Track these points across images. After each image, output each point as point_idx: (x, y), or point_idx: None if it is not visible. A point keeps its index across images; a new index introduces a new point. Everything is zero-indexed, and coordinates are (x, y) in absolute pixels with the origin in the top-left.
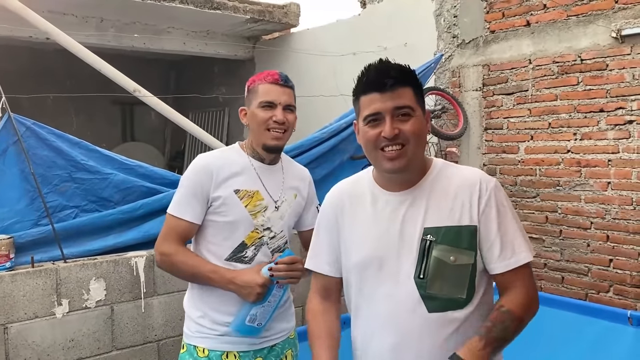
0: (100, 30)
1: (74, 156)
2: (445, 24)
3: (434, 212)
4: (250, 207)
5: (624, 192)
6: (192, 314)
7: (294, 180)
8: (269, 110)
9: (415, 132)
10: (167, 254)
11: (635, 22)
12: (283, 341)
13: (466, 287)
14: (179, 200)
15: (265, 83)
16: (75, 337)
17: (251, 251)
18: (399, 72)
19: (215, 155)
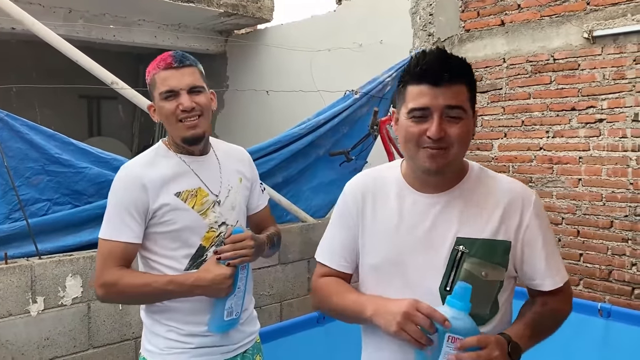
0: (69, 21)
1: (48, 149)
2: (421, 22)
3: (469, 222)
4: (197, 207)
5: (594, 189)
6: (158, 330)
7: (233, 164)
8: (173, 100)
9: (463, 136)
10: (110, 284)
11: (607, 23)
12: (252, 346)
13: (490, 304)
14: (111, 221)
15: (160, 71)
16: (51, 336)
17: (211, 252)
18: (458, 66)
19: (142, 162)
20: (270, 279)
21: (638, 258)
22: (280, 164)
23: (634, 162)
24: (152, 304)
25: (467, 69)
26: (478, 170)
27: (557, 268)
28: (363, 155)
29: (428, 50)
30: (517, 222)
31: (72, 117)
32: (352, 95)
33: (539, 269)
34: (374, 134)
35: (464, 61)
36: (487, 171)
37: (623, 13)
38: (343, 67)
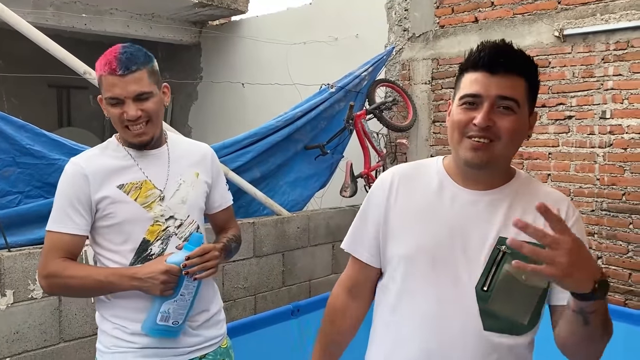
0: (38, 8)
1: (19, 140)
2: (396, 17)
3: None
4: (141, 199)
5: (562, 184)
6: (105, 327)
7: (189, 158)
8: (118, 107)
9: (512, 131)
10: (53, 275)
11: (577, 22)
12: (214, 351)
13: (530, 314)
14: (56, 214)
15: (105, 74)
16: (20, 329)
17: (157, 247)
18: (519, 58)
19: (88, 155)
20: (244, 271)
21: (603, 252)
22: (257, 157)
23: (600, 158)
24: (100, 301)
25: (529, 64)
26: (525, 177)
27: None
28: (339, 150)
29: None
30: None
31: (41, 107)
32: (328, 89)
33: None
34: (350, 128)
35: (528, 56)
36: (533, 179)
37: (592, 13)
38: (318, 61)
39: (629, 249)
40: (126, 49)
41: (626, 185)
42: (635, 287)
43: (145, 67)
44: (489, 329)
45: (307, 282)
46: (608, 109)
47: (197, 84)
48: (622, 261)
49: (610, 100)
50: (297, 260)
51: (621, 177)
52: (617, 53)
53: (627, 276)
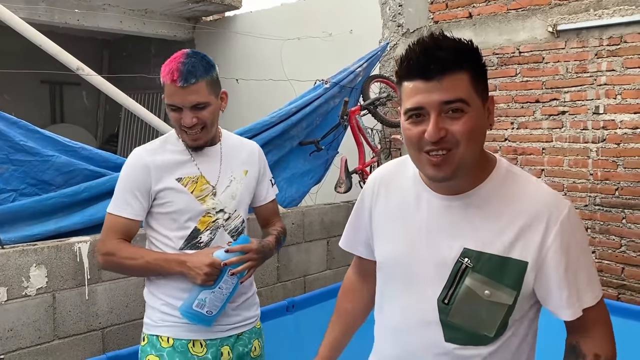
0: (30, 4)
1: (12, 136)
2: (390, 13)
3: (481, 232)
4: (196, 192)
5: (556, 179)
6: (154, 303)
7: (240, 156)
8: (177, 112)
9: (468, 132)
10: (110, 253)
11: (570, 18)
12: (249, 330)
13: (496, 327)
14: (117, 198)
15: (168, 82)
16: (15, 327)
17: (206, 236)
18: (451, 53)
19: (150, 148)
20: None
21: (597, 246)
22: None
23: (594, 153)
24: (152, 281)
25: (466, 52)
26: (506, 171)
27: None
28: (334, 146)
29: (419, 40)
30: (539, 240)
31: (33, 103)
32: (323, 85)
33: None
34: (344, 124)
35: (462, 44)
36: (515, 173)
37: (586, 8)
38: (313, 57)
39: (621, 243)
40: (189, 59)
41: (619, 180)
42: (628, 282)
43: (205, 78)
44: (450, 340)
45: (302, 278)
46: (601, 105)
47: None
48: (615, 256)
49: (604, 95)
50: (292, 256)
51: (614, 172)
52: (610, 48)
53: (620, 270)
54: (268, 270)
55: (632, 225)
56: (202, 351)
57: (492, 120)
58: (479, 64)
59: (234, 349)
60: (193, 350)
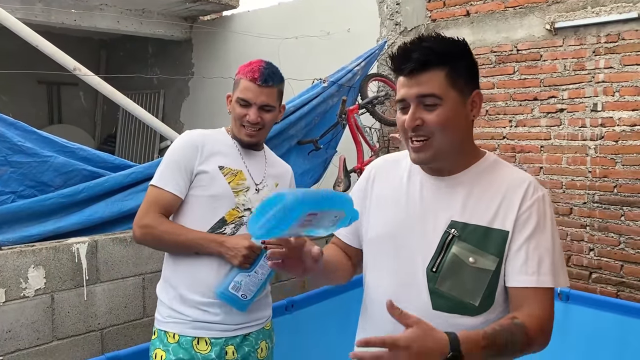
0: (27, 4)
1: (10, 138)
2: (388, 11)
3: (468, 207)
4: (233, 184)
5: (554, 176)
6: (164, 298)
7: (276, 169)
8: (244, 108)
9: (441, 123)
10: (150, 226)
11: (568, 15)
12: (257, 331)
13: (481, 295)
14: (163, 173)
15: (245, 79)
16: (13, 328)
17: (230, 229)
18: (425, 53)
19: (202, 132)
20: None
21: (595, 244)
22: None
23: (592, 150)
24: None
25: (442, 52)
26: (492, 161)
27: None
28: (333, 145)
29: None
30: (515, 212)
31: (31, 103)
32: (321, 84)
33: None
34: (342, 122)
35: (442, 43)
36: (502, 162)
37: (583, 5)
38: (311, 56)
39: (620, 240)
40: (270, 66)
41: (618, 177)
42: (626, 279)
43: (278, 86)
44: (438, 308)
45: None
46: (599, 102)
47: (189, 80)
48: (614, 253)
49: (602, 92)
50: None
51: (613, 169)
52: (608, 46)
53: (619, 268)
54: None
55: (630, 222)
56: (207, 349)
57: (477, 113)
58: (460, 62)
59: (239, 349)
60: (197, 347)
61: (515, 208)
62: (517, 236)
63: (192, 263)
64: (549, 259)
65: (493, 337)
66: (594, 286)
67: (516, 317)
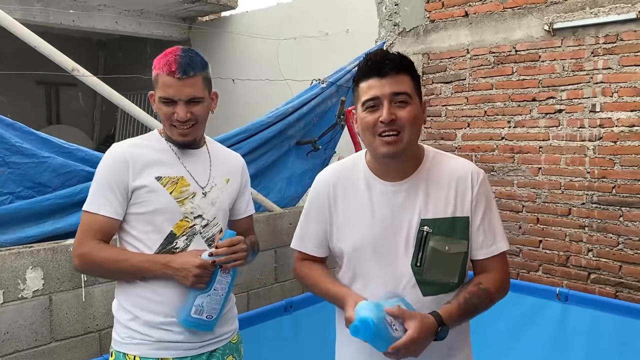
0: (25, 5)
1: (8, 138)
2: (386, 12)
3: (430, 204)
4: (175, 194)
5: (553, 177)
6: (121, 317)
7: (224, 164)
8: (170, 106)
9: (412, 119)
10: (87, 255)
11: (566, 16)
12: (224, 346)
13: (458, 273)
14: (94, 195)
15: (163, 74)
16: (11, 330)
17: (182, 241)
18: (398, 59)
19: (131, 143)
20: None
21: (594, 244)
22: (249, 153)
23: (591, 151)
24: (121, 288)
25: (408, 62)
26: (433, 154)
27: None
28: (331, 146)
29: (372, 51)
30: (469, 199)
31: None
32: (319, 84)
33: (478, 240)
34: (341, 123)
35: (404, 56)
36: (441, 154)
37: (582, 6)
38: (309, 56)
39: (619, 241)
40: (187, 53)
41: (616, 178)
42: (625, 279)
43: (201, 73)
44: (427, 294)
45: None
46: (598, 102)
47: None
48: (613, 253)
49: (600, 93)
50: (290, 256)
51: (611, 170)
52: (606, 46)
53: (618, 268)
54: (266, 271)
55: (629, 222)
56: None
57: (425, 118)
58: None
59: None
60: None
61: (468, 195)
62: (474, 218)
63: (145, 285)
64: (500, 229)
65: (465, 305)
66: (593, 287)
67: (481, 283)
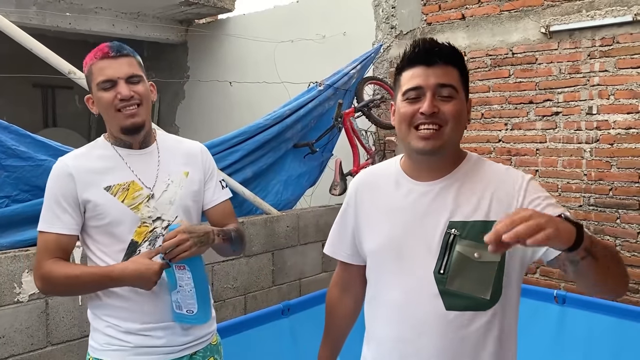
0: (21, 7)
1: (4, 141)
2: (383, 15)
3: (462, 206)
4: (128, 200)
5: (550, 179)
6: (98, 325)
7: (179, 158)
8: (111, 90)
9: (456, 114)
10: (47, 275)
11: (563, 19)
12: (204, 348)
13: (490, 288)
14: (44, 214)
15: (97, 61)
16: (7, 333)
17: (145, 248)
18: (450, 50)
19: (76, 154)
20: (234, 271)
21: None
22: (247, 156)
23: (588, 153)
24: (93, 300)
25: (458, 54)
26: (476, 159)
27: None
28: (329, 148)
29: (420, 38)
30: (508, 200)
31: (25, 107)
32: (316, 87)
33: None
34: (338, 126)
35: (455, 48)
36: (484, 160)
37: (578, 9)
38: (306, 59)
39: (616, 243)
40: (114, 42)
41: (613, 180)
42: None
43: (135, 56)
44: (451, 308)
45: (297, 281)
46: (595, 105)
47: (184, 83)
48: None
49: (597, 96)
50: (287, 259)
51: (608, 172)
52: (603, 49)
53: None
54: (263, 274)
55: (626, 225)
56: None
57: (469, 118)
58: (465, 68)
59: None
60: None
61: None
62: None
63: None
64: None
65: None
66: None
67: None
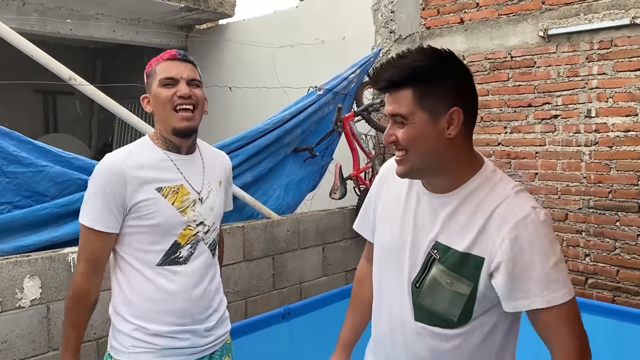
0: (22, 14)
1: (5, 148)
2: (382, 19)
3: (451, 229)
4: (177, 203)
5: (549, 182)
6: (124, 328)
7: (215, 167)
8: (171, 87)
9: (405, 141)
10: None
11: (561, 22)
12: (221, 347)
13: (459, 312)
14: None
15: (162, 62)
16: (9, 339)
17: (186, 250)
18: (394, 74)
19: (126, 154)
20: (234, 276)
21: (591, 249)
22: (247, 160)
23: (587, 156)
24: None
25: (411, 72)
26: (488, 175)
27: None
28: (329, 152)
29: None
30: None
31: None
32: (316, 91)
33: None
34: (338, 130)
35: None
36: (496, 177)
37: (576, 12)
38: (306, 64)
39: (616, 245)
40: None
41: (612, 182)
42: (622, 284)
43: (197, 67)
44: (419, 320)
45: (297, 285)
46: (593, 108)
47: None
48: (610, 258)
49: (595, 98)
50: (287, 263)
51: (607, 174)
52: (601, 52)
53: (615, 273)
54: (263, 278)
55: (625, 227)
56: None
57: (453, 131)
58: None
59: None
60: None
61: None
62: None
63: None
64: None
65: None
66: (590, 291)
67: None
